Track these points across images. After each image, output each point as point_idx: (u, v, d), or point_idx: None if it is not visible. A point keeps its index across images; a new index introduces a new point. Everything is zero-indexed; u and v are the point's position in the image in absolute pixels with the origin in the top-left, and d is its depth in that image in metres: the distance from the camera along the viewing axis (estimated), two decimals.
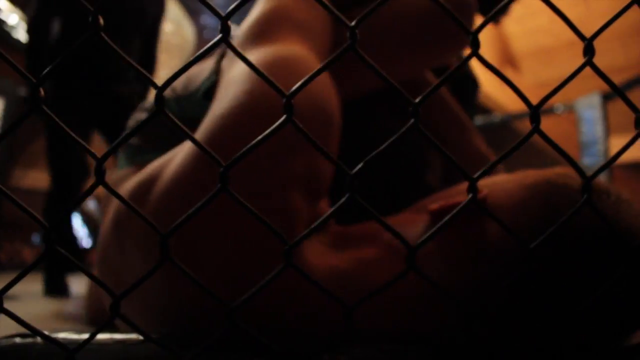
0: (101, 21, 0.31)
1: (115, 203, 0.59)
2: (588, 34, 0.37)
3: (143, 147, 0.75)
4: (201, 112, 0.73)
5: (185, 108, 0.78)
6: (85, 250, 5.63)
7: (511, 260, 0.45)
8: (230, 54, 0.63)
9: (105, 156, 0.33)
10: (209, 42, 0.33)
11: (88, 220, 6.28)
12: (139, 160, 0.73)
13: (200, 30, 5.08)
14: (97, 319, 0.97)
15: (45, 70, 0.32)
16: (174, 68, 4.64)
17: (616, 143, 3.30)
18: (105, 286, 0.35)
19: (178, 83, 0.81)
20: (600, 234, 0.44)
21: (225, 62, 0.78)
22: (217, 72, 0.77)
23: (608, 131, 2.95)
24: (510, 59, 4.79)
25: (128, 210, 0.54)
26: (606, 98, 2.96)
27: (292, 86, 0.33)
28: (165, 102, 0.31)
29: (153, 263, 0.34)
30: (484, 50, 0.35)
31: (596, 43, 0.37)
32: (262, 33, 0.63)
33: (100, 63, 2.35)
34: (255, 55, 0.59)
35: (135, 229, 0.52)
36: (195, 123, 0.69)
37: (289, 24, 0.64)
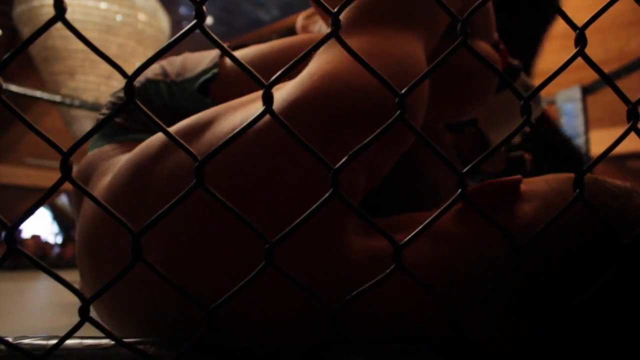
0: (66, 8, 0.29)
1: (103, 190, 0.56)
2: (577, 24, 0.36)
3: (128, 126, 0.71)
4: (192, 104, 0.71)
5: (176, 95, 0.74)
6: (53, 246, 5.56)
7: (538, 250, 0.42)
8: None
9: (71, 151, 0.30)
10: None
11: (59, 216, 6.19)
12: (122, 138, 0.69)
13: (176, 21, 5.02)
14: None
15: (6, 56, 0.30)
16: (147, 57, 4.59)
17: (595, 136, 3.33)
18: (74, 289, 0.33)
19: (173, 67, 0.77)
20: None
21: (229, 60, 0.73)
22: (218, 66, 0.74)
23: (588, 124, 2.98)
24: None
25: (122, 200, 0.51)
26: (586, 91, 2.98)
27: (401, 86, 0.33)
28: (156, 84, 0.29)
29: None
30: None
31: (569, 39, 0.36)
32: (374, 15, 0.55)
33: None
34: (362, 43, 0.52)
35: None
36: (183, 112, 0.65)
37: (405, 7, 0.56)
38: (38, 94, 3.84)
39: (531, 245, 0.38)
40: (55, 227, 6.33)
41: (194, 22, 0.30)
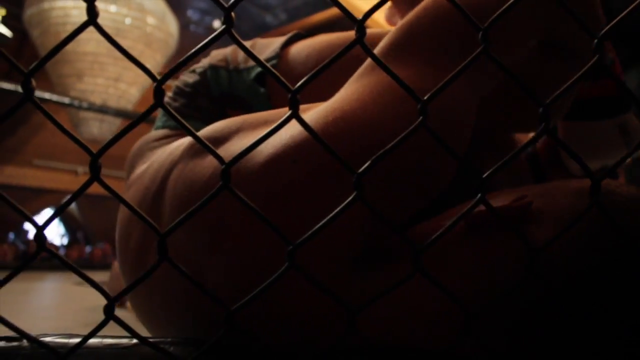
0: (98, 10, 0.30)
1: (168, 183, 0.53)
2: None
3: (186, 113, 0.71)
4: (248, 93, 0.71)
5: (234, 83, 0.73)
6: (58, 247, 5.58)
7: (558, 270, 0.40)
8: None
9: (101, 152, 0.31)
10: (194, 36, 0.32)
11: (66, 217, 6.21)
12: (178, 125, 0.68)
13: (184, 24, 5.04)
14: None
15: (34, 64, 0.30)
16: (158, 62, 4.62)
17: None
18: (99, 287, 0.33)
19: (238, 54, 0.74)
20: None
21: (295, 49, 0.73)
22: (278, 57, 0.72)
23: None
24: None
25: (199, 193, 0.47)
26: None
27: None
28: (217, 70, 0.29)
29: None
30: None
31: None
32: (411, 45, 0.48)
33: None
34: (402, 71, 0.46)
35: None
36: (240, 101, 0.64)
37: (450, 40, 0.48)
38: (47, 95, 3.87)
39: (546, 268, 0.37)
40: (61, 229, 6.34)
41: (222, 27, 0.31)
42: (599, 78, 0.76)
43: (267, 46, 0.76)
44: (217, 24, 6.15)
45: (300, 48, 0.74)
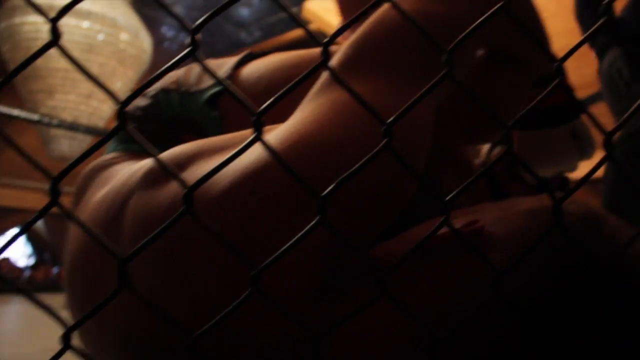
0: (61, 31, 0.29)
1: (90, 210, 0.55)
2: (559, 30, 0.37)
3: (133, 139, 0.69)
4: (200, 116, 0.70)
5: (187, 106, 0.71)
6: (23, 269, 5.44)
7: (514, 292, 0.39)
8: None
9: (61, 176, 0.30)
10: (168, 53, 0.31)
11: (32, 238, 6.06)
12: (135, 148, 0.67)
13: (158, 41, 5.02)
14: None
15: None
16: (131, 79, 4.57)
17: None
18: (56, 315, 0.32)
19: (190, 76, 0.74)
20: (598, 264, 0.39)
21: (247, 70, 0.72)
22: (231, 78, 0.72)
23: None
24: None
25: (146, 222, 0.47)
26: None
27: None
28: (168, 93, 0.29)
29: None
30: None
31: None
32: (366, 61, 0.48)
33: None
34: (359, 88, 0.45)
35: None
36: (193, 125, 0.63)
37: (405, 54, 0.47)
38: (15, 112, 3.80)
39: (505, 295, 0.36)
40: (27, 249, 6.19)
41: (188, 49, 0.30)
42: (544, 86, 0.70)
43: (219, 67, 0.75)
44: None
45: (253, 69, 0.73)
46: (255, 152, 0.42)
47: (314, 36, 0.34)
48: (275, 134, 0.45)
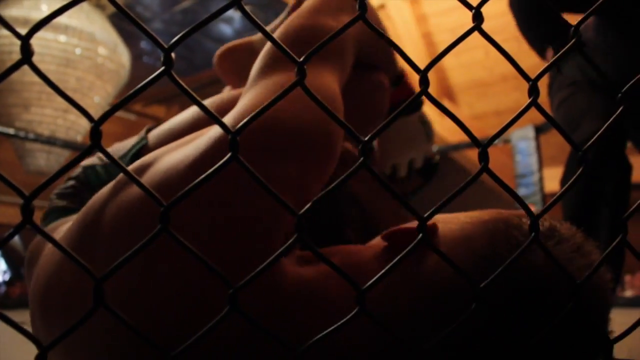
0: (32, 50, 0.29)
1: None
2: (493, 75, 0.38)
3: (72, 208, 0.77)
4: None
5: (112, 172, 0.80)
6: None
7: (458, 298, 0.43)
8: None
9: (34, 194, 0.30)
10: (147, 67, 0.31)
11: (8, 253, 5.94)
12: (67, 216, 0.74)
13: (136, 55, 4.99)
14: None
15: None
16: (109, 94, 4.54)
17: (548, 174, 3.45)
18: (31, 336, 0.32)
19: (115, 148, 0.85)
20: (545, 278, 0.43)
21: (156, 131, 0.85)
22: (145, 138, 0.83)
23: (542, 162, 3.08)
24: (447, 91, 4.95)
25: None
26: (539, 131, 3.09)
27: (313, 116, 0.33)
28: (92, 167, 0.29)
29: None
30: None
31: (524, 81, 0.38)
32: (281, 58, 0.60)
33: None
34: (285, 78, 0.58)
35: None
36: None
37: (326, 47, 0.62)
38: None
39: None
40: (2, 265, 6.06)
41: (162, 69, 0.30)
42: (398, 85, 0.98)
43: (127, 141, 0.87)
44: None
45: (160, 129, 0.86)
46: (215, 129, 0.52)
47: (288, 53, 0.35)
48: (229, 116, 0.54)
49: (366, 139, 0.33)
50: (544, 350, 0.42)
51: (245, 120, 0.32)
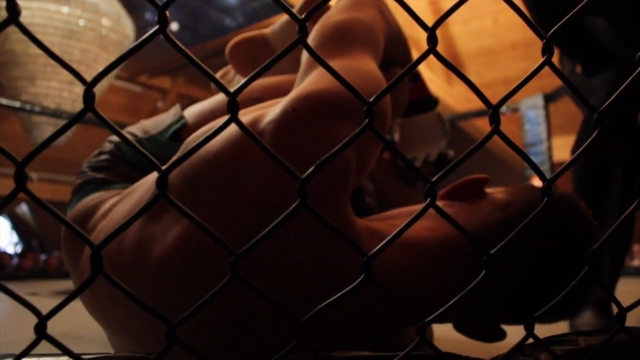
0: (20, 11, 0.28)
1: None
2: (502, 43, 0.36)
3: (110, 180, 0.78)
4: (166, 152, 0.80)
5: (149, 148, 0.82)
6: (11, 256, 5.38)
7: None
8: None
9: (27, 160, 0.29)
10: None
11: (19, 225, 5.99)
12: (107, 188, 0.76)
13: (140, 26, 4.93)
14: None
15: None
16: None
17: (557, 143, 3.42)
18: (29, 305, 0.31)
19: (138, 130, 0.86)
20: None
21: (190, 110, 0.88)
22: (184, 117, 0.85)
23: (550, 131, 3.04)
24: (455, 60, 4.87)
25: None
26: (548, 99, 3.05)
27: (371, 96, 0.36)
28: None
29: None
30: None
31: (534, 48, 0.36)
32: (342, 42, 0.71)
33: None
34: (339, 63, 0.66)
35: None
36: (160, 162, 0.71)
37: (365, 38, 0.73)
38: None
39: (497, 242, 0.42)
40: (14, 237, 6.12)
41: (156, 27, 0.29)
42: (415, 83, 1.07)
43: (161, 119, 0.88)
44: (174, 26, 6.05)
45: (198, 108, 0.89)
46: (281, 103, 0.59)
47: (292, 13, 0.33)
48: (297, 90, 0.61)
49: (371, 100, 0.32)
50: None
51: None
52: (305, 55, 0.71)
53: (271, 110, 0.58)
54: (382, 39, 0.79)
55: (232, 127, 0.49)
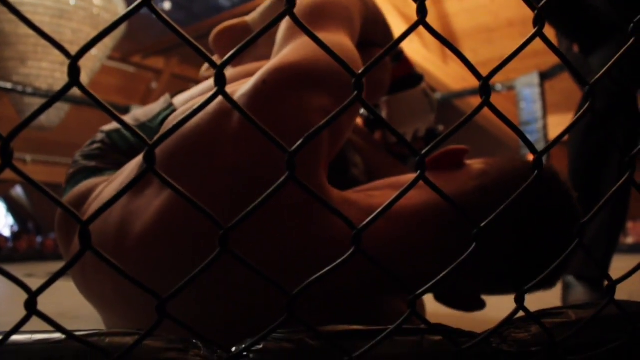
0: None
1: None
2: (498, 21, 0.36)
3: (102, 167, 0.80)
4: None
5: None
6: (6, 238, 5.38)
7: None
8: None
9: (12, 135, 0.29)
10: (144, 18, 0.29)
11: (14, 207, 5.98)
12: (100, 175, 0.77)
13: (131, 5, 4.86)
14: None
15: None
16: (106, 45, 4.46)
17: (553, 121, 3.41)
18: (18, 281, 0.31)
19: (129, 119, 0.88)
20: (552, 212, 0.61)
21: (179, 97, 0.90)
22: (172, 104, 0.88)
23: (546, 109, 3.04)
24: (451, 37, 4.83)
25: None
26: (544, 77, 3.04)
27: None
28: (118, 131, 0.27)
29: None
30: (424, 28, 0.33)
31: (531, 26, 0.36)
32: (317, 20, 0.71)
33: None
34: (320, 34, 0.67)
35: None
36: None
37: (338, 16, 0.75)
38: None
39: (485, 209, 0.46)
40: (9, 219, 6.11)
41: None
42: (399, 61, 1.08)
43: (151, 107, 0.90)
44: (167, 5, 5.98)
45: (188, 94, 0.91)
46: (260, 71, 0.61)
47: None
48: (268, 64, 0.61)
49: (359, 72, 0.31)
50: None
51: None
52: (279, 33, 0.73)
53: (243, 85, 0.59)
54: (359, 18, 0.80)
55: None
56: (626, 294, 0.49)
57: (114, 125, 0.87)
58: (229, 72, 0.94)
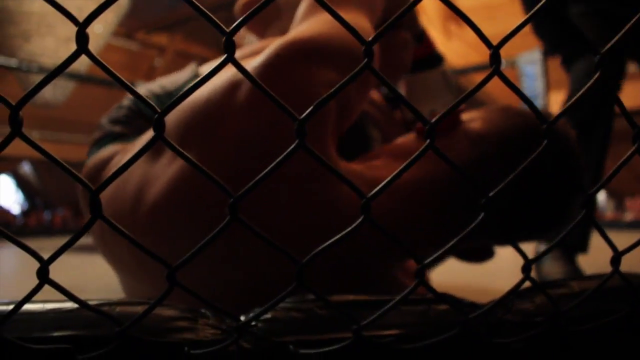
0: None
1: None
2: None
3: (126, 133, 0.80)
4: None
5: (166, 103, 0.85)
6: (15, 215, 5.42)
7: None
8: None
9: (21, 103, 0.29)
10: None
11: (23, 184, 6.01)
12: (124, 141, 0.78)
13: None
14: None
15: None
16: (111, 23, 4.42)
17: (555, 98, 3.38)
18: (31, 250, 0.31)
19: (155, 87, 0.88)
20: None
21: (205, 67, 0.89)
22: (197, 74, 0.88)
23: (548, 86, 3.01)
24: (453, 14, 4.77)
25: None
26: (546, 54, 3.01)
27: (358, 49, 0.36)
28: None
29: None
30: (428, 5, 0.32)
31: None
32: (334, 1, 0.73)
33: None
34: (327, 16, 0.66)
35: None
36: None
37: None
38: None
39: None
40: (19, 196, 6.15)
41: None
42: (420, 42, 1.10)
43: (176, 76, 0.90)
44: None
45: (215, 63, 0.88)
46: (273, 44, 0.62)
47: None
48: (283, 38, 0.61)
49: (370, 39, 0.31)
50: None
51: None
52: (299, 9, 0.73)
53: (257, 57, 0.60)
54: (381, 2, 0.81)
55: (218, 75, 0.50)
56: (626, 270, 0.49)
57: (143, 91, 0.88)
58: (250, 47, 0.94)
